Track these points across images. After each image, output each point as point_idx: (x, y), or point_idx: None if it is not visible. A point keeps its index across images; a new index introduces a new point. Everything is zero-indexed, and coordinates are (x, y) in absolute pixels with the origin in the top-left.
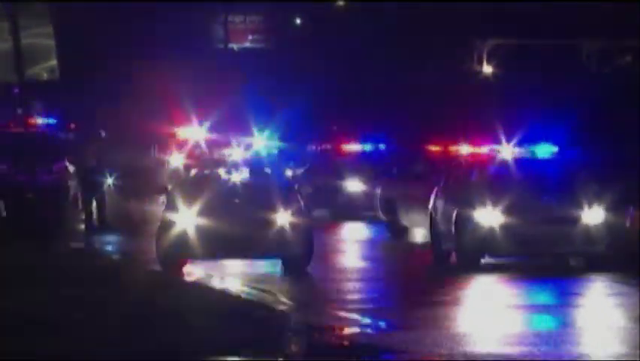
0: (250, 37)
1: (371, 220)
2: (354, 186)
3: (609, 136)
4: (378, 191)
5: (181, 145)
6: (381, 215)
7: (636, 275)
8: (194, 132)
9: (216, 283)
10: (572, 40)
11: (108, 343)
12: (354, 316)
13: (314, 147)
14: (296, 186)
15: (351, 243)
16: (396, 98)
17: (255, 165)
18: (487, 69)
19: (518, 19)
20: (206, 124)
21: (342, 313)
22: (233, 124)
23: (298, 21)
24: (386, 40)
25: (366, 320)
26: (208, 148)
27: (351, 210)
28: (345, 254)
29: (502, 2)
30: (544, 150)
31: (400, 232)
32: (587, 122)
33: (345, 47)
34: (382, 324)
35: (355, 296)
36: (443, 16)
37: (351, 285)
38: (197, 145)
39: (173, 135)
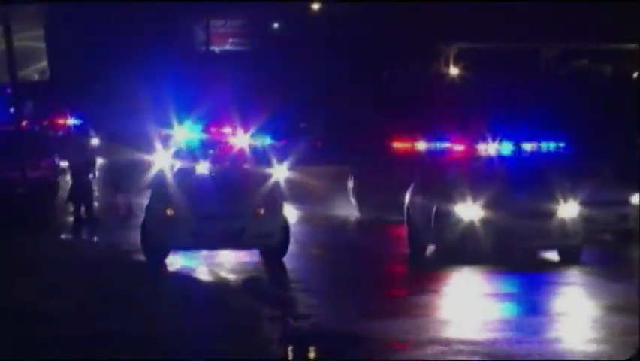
0: (230, 40)
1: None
2: None
3: (570, 135)
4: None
5: (167, 143)
6: (353, 200)
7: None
8: (182, 131)
9: (195, 273)
10: (532, 44)
11: (75, 328)
12: (332, 304)
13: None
14: (276, 180)
15: (327, 231)
16: (369, 98)
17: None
18: (454, 71)
19: (483, 25)
20: (194, 122)
21: (319, 301)
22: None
23: (276, 25)
24: (360, 42)
25: (345, 309)
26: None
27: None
28: (322, 243)
29: (470, 5)
30: (512, 148)
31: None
32: (549, 121)
33: (319, 49)
34: (362, 312)
35: (333, 285)
36: (413, 21)
37: (328, 274)
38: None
39: (161, 134)
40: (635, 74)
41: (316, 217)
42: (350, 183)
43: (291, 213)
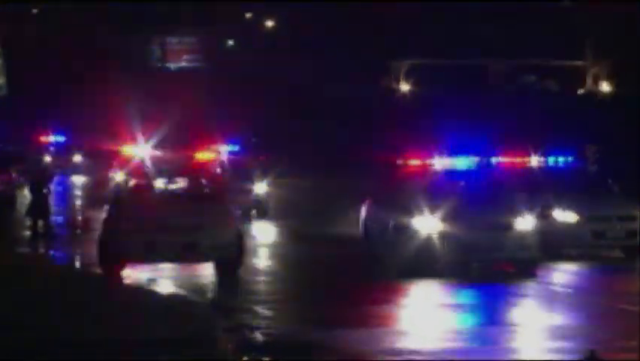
0: (185, 57)
1: None
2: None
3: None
4: None
5: (124, 160)
6: None
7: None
8: (138, 148)
9: (150, 285)
10: (481, 60)
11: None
12: (287, 315)
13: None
14: (228, 195)
15: (282, 244)
16: (320, 112)
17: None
18: (405, 87)
19: (434, 42)
20: (150, 140)
21: (274, 313)
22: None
23: (230, 42)
24: (313, 59)
25: (301, 320)
26: (150, 162)
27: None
28: (277, 255)
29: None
30: (466, 162)
31: None
32: (499, 135)
33: (273, 66)
34: (317, 323)
35: (290, 297)
36: (365, 37)
37: (282, 285)
38: (139, 160)
39: (117, 151)
40: (580, 90)
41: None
42: None
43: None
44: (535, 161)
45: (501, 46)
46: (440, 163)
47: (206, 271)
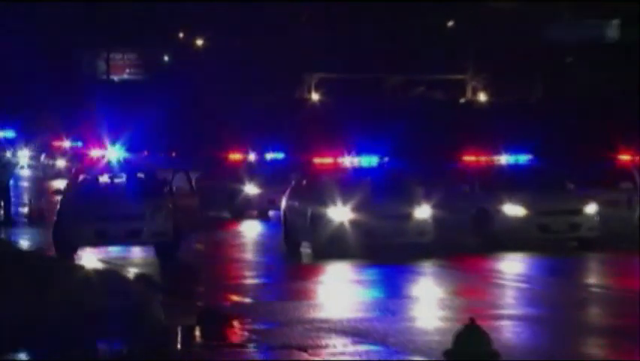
0: (127, 70)
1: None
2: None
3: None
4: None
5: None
6: None
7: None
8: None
9: (98, 265)
10: (378, 74)
11: None
12: (217, 289)
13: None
14: (167, 187)
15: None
16: (242, 119)
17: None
18: (315, 96)
19: (340, 58)
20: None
21: (204, 288)
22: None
23: (166, 58)
24: (237, 73)
25: (228, 294)
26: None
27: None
28: (219, 245)
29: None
30: (370, 160)
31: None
32: (396, 138)
33: (204, 79)
34: (241, 296)
35: (217, 274)
36: (281, 54)
37: (214, 265)
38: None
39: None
40: (462, 100)
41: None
42: None
43: None
44: (493, 159)
45: (395, 62)
46: (348, 161)
47: (148, 254)
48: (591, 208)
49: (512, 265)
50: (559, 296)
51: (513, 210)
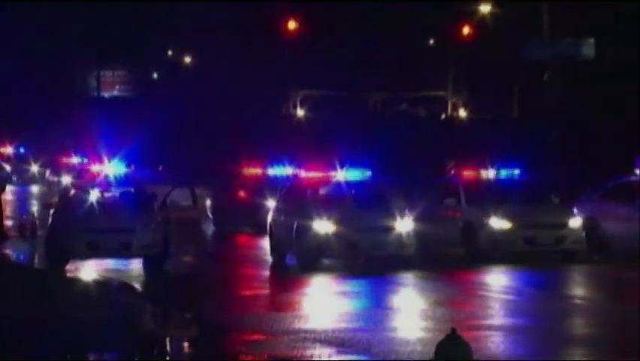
0: (117, 87)
1: None
2: None
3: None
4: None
5: (74, 170)
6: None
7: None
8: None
9: (89, 276)
10: (362, 92)
11: None
12: (205, 300)
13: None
14: (156, 201)
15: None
16: (231, 133)
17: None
18: (300, 112)
19: (325, 75)
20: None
21: (194, 298)
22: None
23: (155, 75)
24: (223, 90)
25: (214, 305)
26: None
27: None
28: (209, 257)
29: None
30: (354, 174)
31: None
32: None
33: (193, 95)
34: (227, 308)
35: (206, 286)
36: (268, 71)
37: (204, 277)
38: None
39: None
40: (443, 115)
41: None
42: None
43: None
44: (479, 173)
45: (379, 79)
46: (333, 175)
47: (137, 265)
48: (576, 222)
49: (497, 278)
50: (541, 307)
51: (499, 223)
